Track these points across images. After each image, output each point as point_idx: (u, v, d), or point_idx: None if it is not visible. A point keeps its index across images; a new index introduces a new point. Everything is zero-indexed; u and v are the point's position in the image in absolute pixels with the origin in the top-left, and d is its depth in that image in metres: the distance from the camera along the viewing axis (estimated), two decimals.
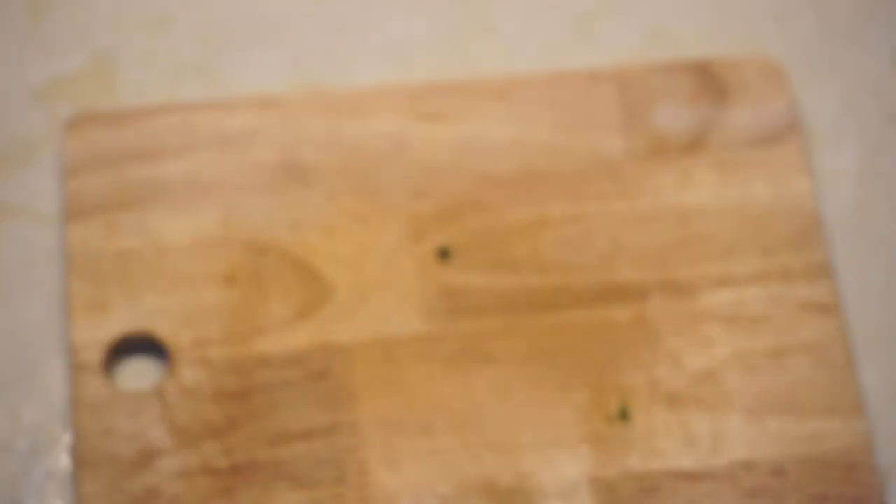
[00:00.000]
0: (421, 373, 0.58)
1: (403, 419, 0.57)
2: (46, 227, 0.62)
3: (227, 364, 0.57)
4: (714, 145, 0.63)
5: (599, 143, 0.63)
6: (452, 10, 0.69)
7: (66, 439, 0.58)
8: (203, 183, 0.61)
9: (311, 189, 0.61)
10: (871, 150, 0.67)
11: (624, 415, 0.58)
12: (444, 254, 0.61)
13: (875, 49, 0.69)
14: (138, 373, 0.58)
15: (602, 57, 0.67)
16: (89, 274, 0.59)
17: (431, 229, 0.61)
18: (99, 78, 0.65)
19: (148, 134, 0.62)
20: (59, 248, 0.61)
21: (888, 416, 0.61)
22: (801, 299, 0.61)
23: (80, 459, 0.55)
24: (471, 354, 0.59)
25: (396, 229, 0.61)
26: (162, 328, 0.58)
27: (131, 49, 0.66)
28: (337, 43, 0.67)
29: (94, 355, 0.57)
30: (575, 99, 0.64)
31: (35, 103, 0.64)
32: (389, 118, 0.63)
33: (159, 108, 0.62)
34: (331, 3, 0.68)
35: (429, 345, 0.59)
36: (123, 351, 0.58)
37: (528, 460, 0.57)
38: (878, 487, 0.57)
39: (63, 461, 0.57)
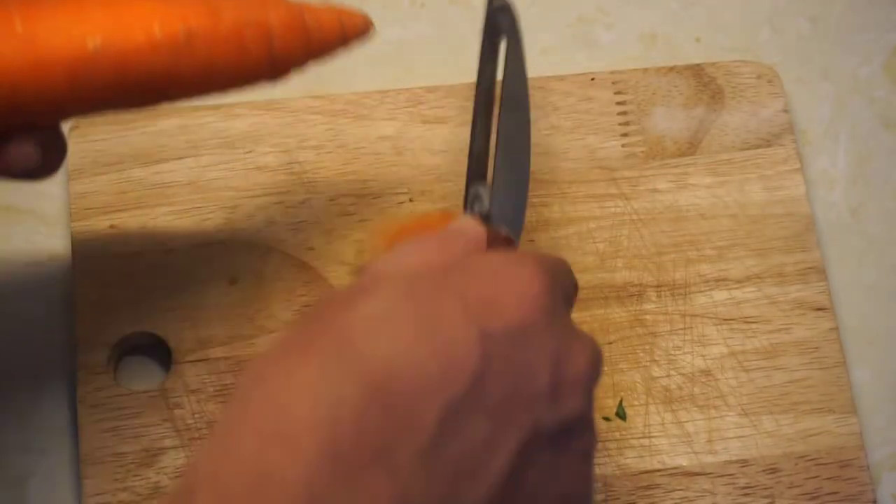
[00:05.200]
0: None
1: None
2: (52, 229, 0.62)
3: (229, 364, 0.58)
4: (709, 148, 0.64)
5: (597, 145, 0.64)
6: (452, 14, 0.69)
7: (71, 438, 0.58)
8: (205, 185, 0.61)
9: (312, 191, 0.62)
10: (863, 153, 0.67)
11: (620, 414, 0.59)
12: None
13: (867, 54, 0.69)
14: (143, 372, 0.58)
15: (599, 61, 0.68)
16: (94, 275, 0.59)
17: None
18: None
19: (151, 137, 0.62)
20: (65, 249, 0.61)
21: (879, 414, 0.61)
22: (795, 300, 0.61)
23: (86, 458, 0.56)
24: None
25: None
26: (166, 329, 0.58)
27: None
28: None
29: (100, 355, 0.57)
30: (573, 102, 0.64)
31: None
32: (389, 121, 0.63)
33: (162, 112, 0.62)
34: None
35: None
36: (128, 351, 0.59)
37: None
38: (870, 484, 0.58)
39: (69, 459, 0.58)
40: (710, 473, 0.57)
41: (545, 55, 0.68)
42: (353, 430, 0.36)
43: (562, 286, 0.45)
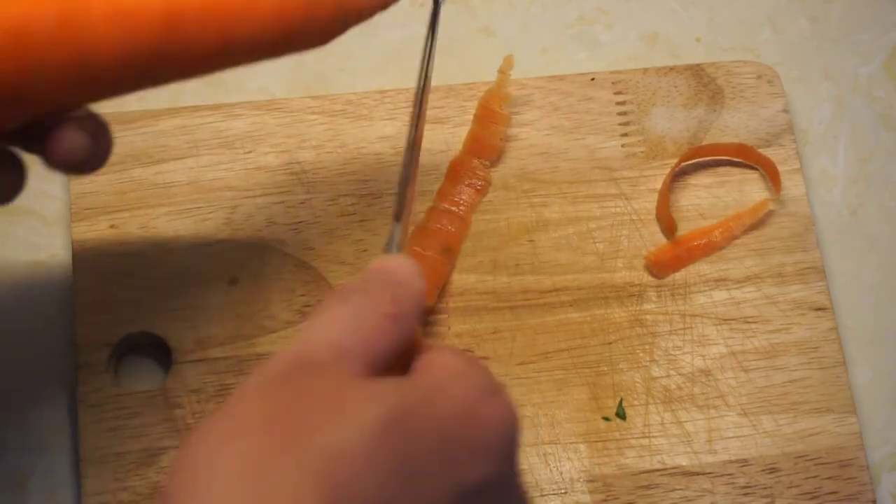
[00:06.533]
0: None
1: None
2: (52, 229, 0.62)
3: (229, 364, 0.58)
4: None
5: (597, 145, 0.64)
6: (451, 14, 0.69)
7: (71, 437, 0.58)
8: (206, 185, 0.61)
9: (312, 191, 0.62)
10: (863, 152, 0.67)
11: (620, 413, 0.59)
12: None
13: (867, 54, 0.69)
14: (143, 372, 0.59)
15: (599, 61, 0.68)
16: (95, 275, 0.59)
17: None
18: None
19: (152, 137, 0.62)
20: (65, 249, 0.61)
21: (879, 414, 0.61)
22: (795, 300, 0.61)
23: (86, 457, 0.56)
24: (470, 354, 0.59)
25: None
26: (166, 329, 0.58)
27: None
28: (337, 47, 0.67)
29: (100, 355, 0.57)
30: (573, 102, 0.64)
31: None
32: (389, 121, 0.63)
33: (163, 112, 0.62)
34: None
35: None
36: (128, 351, 0.59)
37: (526, 458, 0.57)
38: (870, 484, 0.58)
39: (69, 459, 0.58)
40: (710, 473, 0.58)
41: (545, 55, 0.68)
42: None
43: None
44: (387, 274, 0.42)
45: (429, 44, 0.51)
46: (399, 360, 0.40)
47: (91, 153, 0.44)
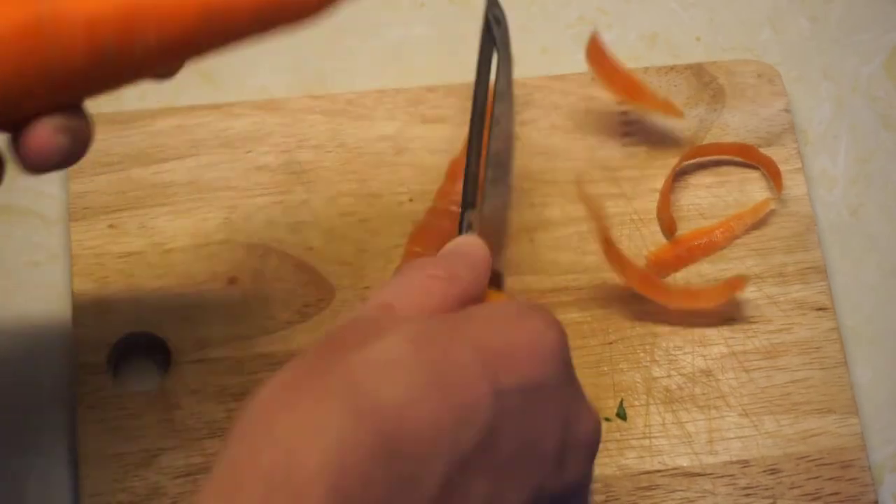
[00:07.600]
0: None
1: None
2: (52, 229, 0.62)
3: (228, 364, 0.58)
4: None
5: (598, 145, 0.64)
6: (452, 14, 0.69)
7: (70, 438, 0.58)
8: (205, 185, 0.61)
9: (311, 191, 0.62)
10: (864, 152, 0.67)
11: (621, 414, 0.58)
12: None
13: (867, 53, 0.69)
14: (142, 373, 0.58)
15: None
16: (93, 275, 0.59)
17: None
18: None
19: (151, 136, 0.62)
20: (64, 249, 0.61)
21: (881, 414, 0.61)
22: (796, 300, 0.61)
23: (84, 458, 0.55)
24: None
25: (396, 230, 0.61)
26: (165, 329, 0.58)
27: None
28: (337, 46, 0.67)
29: (100, 355, 0.57)
30: (573, 101, 0.64)
31: None
32: (389, 120, 0.63)
33: (162, 111, 0.62)
34: None
35: None
36: (127, 351, 0.59)
37: None
38: (872, 485, 0.58)
39: (67, 459, 0.58)
40: (711, 474, 0.57)
41: (545, 55, 0.68)
42: (359, 482, 0.35)
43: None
44: (445, 249, 0.47)
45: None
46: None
47: (67, 153, 0.42)
